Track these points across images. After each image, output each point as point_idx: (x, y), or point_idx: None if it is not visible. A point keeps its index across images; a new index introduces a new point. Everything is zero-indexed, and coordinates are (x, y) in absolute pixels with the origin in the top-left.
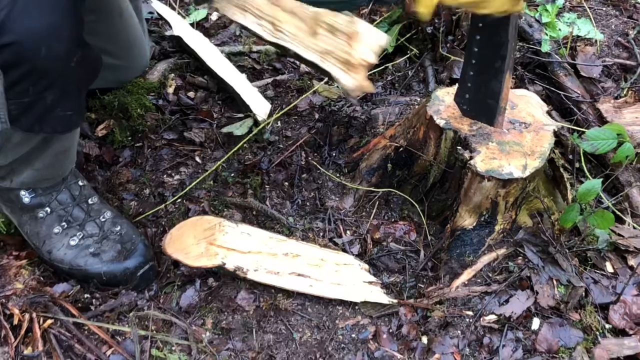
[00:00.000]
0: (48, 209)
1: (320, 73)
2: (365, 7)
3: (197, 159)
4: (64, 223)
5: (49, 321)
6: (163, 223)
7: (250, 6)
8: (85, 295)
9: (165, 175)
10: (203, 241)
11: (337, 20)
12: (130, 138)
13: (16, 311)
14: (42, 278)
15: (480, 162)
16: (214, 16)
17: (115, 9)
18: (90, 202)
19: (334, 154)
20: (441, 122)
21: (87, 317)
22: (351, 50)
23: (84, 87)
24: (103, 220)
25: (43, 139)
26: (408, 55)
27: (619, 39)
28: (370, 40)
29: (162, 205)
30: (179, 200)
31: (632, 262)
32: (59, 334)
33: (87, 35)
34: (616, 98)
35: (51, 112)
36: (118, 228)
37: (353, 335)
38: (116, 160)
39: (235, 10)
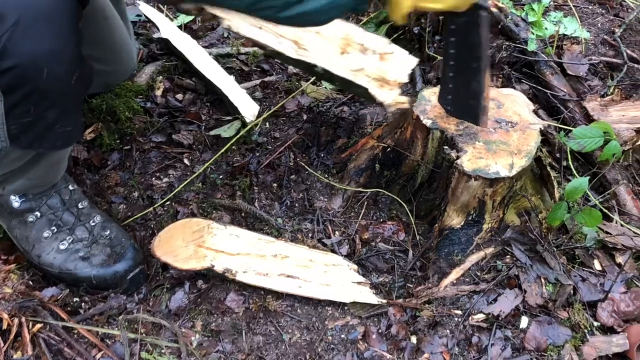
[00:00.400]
0: (38, 213)
1: (353, 91)
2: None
3: (186, 161)
4: (53, 227)
5: (38, 325)
6: (152, 226)
7: (268, 25)
8: (75, 299)
9: (153, 178)
10: (192, 243)
11: (370, 40)
12: (118, 141)
13: (5, 316)
14: (31, 282)
15: (467, 161)
16: None
17: (99, 15)
18: (80, 206)
19: (322, 155)
20: (428, 122)
21: (76, 320)
22: (385, 69)
23: (81, 100)
24: (93, 224)
25: (39, 152)
26: None
27: (605, 37)
28: (402, 61)
29: (151, 208)
30: (168, 202)
31: (619, 259)
32: (48, 338)
33: None
34: (603, 96)
35: (51, 129)
36: (107, 232)
37: (342, 336)
38: (104, 163)
39: (251, 28)
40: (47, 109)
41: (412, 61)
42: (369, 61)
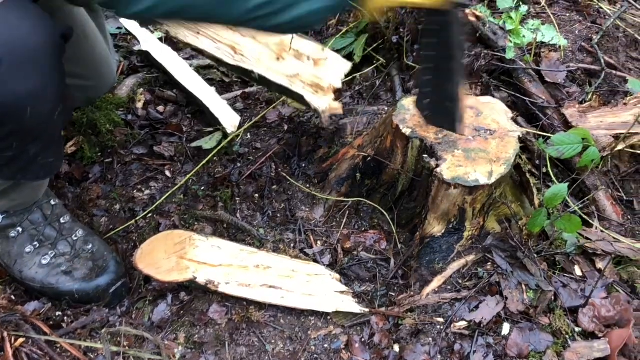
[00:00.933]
0: (20, 229)
1: (289, 96)
2: (333, 18)
3: (167, 173)
4: (35, 242)
5: (21, 340)
6: (134, 238)
7: (205, 30)
8: (57, 313)
9: (135, 191)
10: (174, 255)
11: (305, 46)
12: (99, 154)
13: None
14: (13, 297)
15: (447, 169)
16: None
17: (80, 34)
18: (62, 221)
19: (303, 165)
20: (407, 131)
21: (59, 334)
22: (320, 74)
23: (62, 130)
24: (75, 238)
25: None
26: (375, 65)
27: (583, 44)
28: (336, 66)
29: (133, 221)
30: (150, 215)
31: (600, 265)
32: (31, 352)
33: None
34: (581, 103)
35: (34, 162)
36: (90, 246)
37: (326, 346)
38: (86, 176)
39: (188, 32)
40: (29, 144)
41: (345, 66)
42: (304, 67)
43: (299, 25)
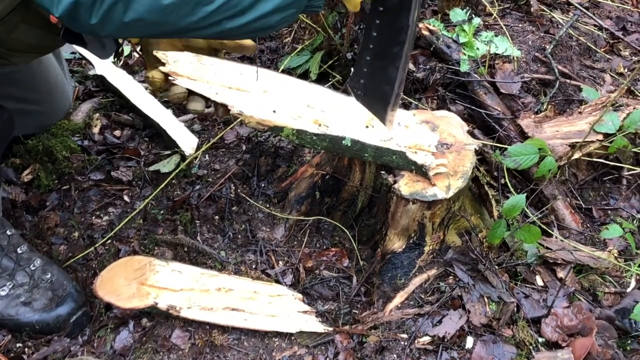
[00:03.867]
0: None
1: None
2: (289, 36)
3: (126, 198)
4: None
5: None
6: (94, 266)
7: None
8: (18, 345)
9: (93, 217)
10: (134, 282)
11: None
12: (56, 181)
13: None
14: None
15: (404, 185)
16: (137, 53)
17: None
18: (19, 251)
19: (262, 185)
20: None
21: None
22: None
23: None
24: (33, 268)
25: None
26: (331, 82)
27: (537, 54)
28: None
29: (92, 248)
30: (109, 241)
31: (561, 274)
32: None
33: (7, 85)
34: (536, 113)
35: None
36: (48, 275)
37: None
38: (43, 204)
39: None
40: None
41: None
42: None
43: (262, 25)
